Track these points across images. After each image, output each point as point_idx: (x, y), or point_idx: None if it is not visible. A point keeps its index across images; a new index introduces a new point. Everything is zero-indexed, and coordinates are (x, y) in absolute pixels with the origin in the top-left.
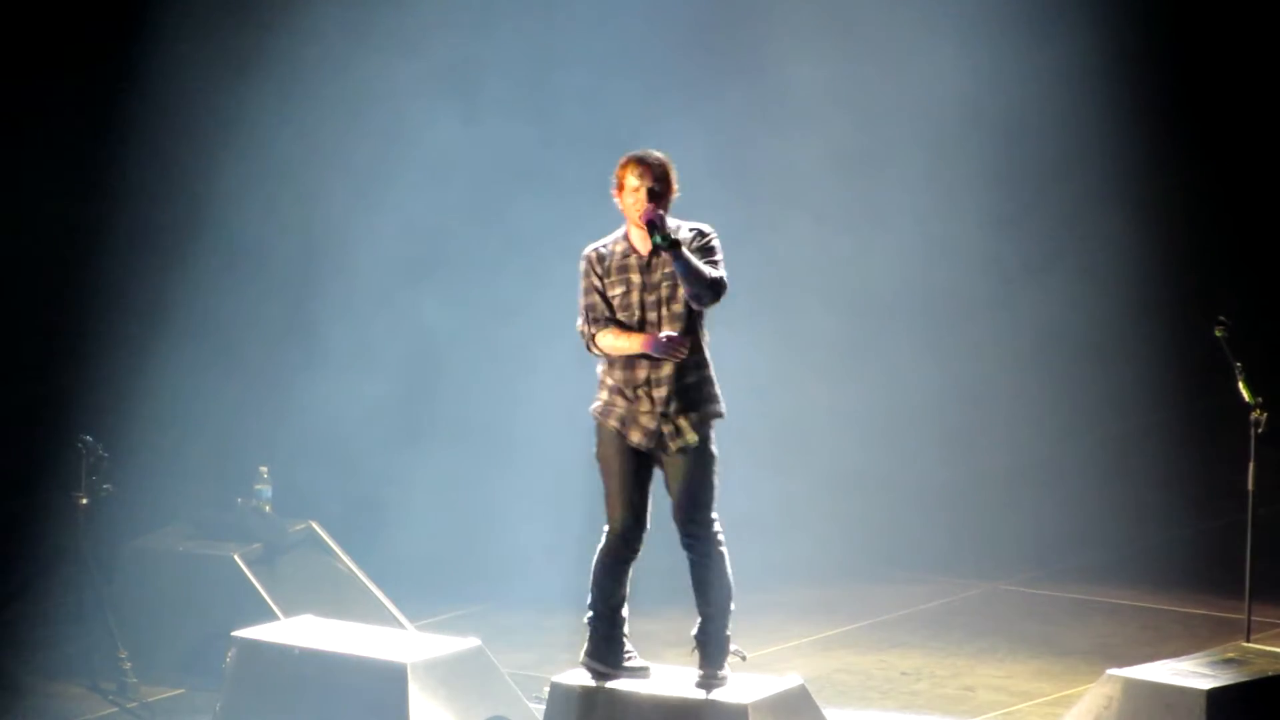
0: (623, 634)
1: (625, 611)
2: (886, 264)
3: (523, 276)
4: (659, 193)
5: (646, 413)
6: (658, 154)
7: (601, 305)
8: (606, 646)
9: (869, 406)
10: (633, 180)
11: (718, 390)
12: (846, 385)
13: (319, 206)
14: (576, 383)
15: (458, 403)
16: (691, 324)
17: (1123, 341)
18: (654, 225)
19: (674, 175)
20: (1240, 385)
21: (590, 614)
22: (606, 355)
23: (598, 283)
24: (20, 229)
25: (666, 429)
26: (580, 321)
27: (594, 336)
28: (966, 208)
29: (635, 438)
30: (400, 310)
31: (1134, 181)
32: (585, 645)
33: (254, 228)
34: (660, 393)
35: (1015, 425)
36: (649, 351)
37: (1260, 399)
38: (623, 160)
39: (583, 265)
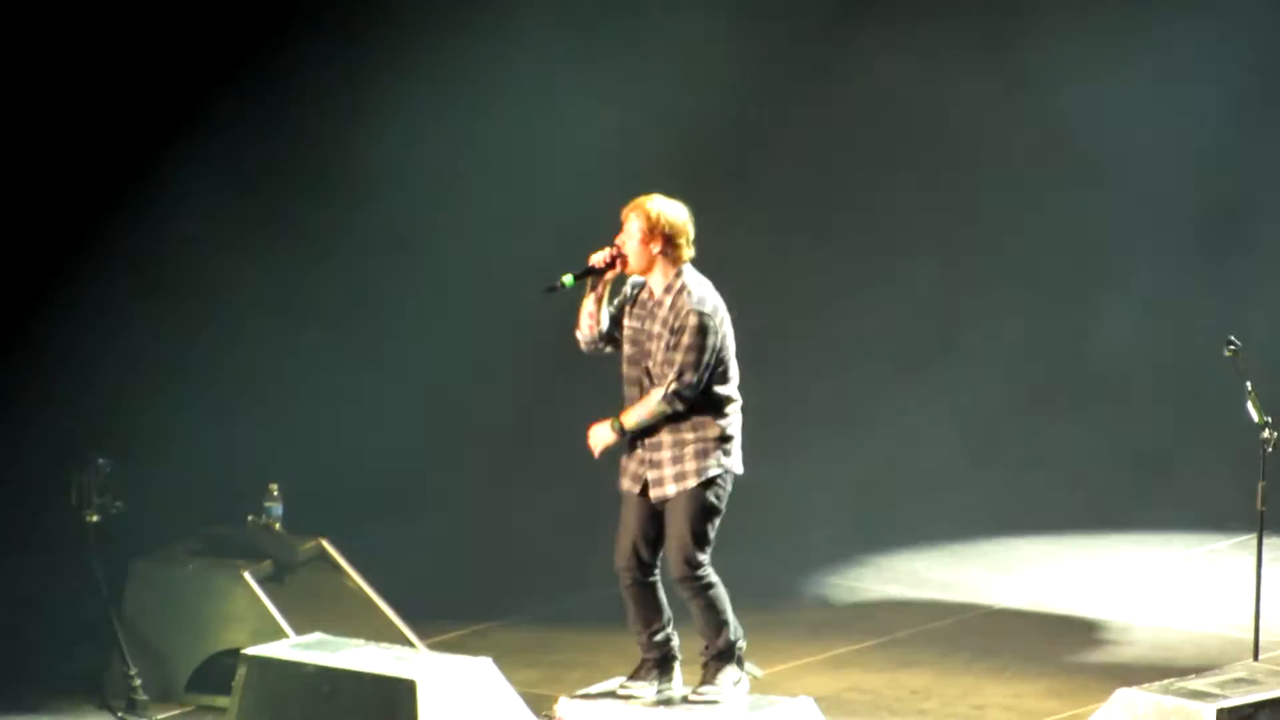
0: (659, 661)
1: (666, 637)
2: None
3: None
4: (634, 238)
5: (636, 457)
6: (654, 206)
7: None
8: (641, 669)
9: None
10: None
11: (725, 450)
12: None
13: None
14: (593, 401)
15: (470, 416)
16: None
17: (1134, 362)
18: (592, 269)
19: (661, 227)
20: (1250, 405)
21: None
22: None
23: (615, 312)
24: (30, 248)
25: (651, 475)
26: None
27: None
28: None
29: (624, 483)
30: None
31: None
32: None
33: (266, 245)
34: (649, 438)
35: (1023, 445)
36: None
37: (1270, 419)
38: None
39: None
